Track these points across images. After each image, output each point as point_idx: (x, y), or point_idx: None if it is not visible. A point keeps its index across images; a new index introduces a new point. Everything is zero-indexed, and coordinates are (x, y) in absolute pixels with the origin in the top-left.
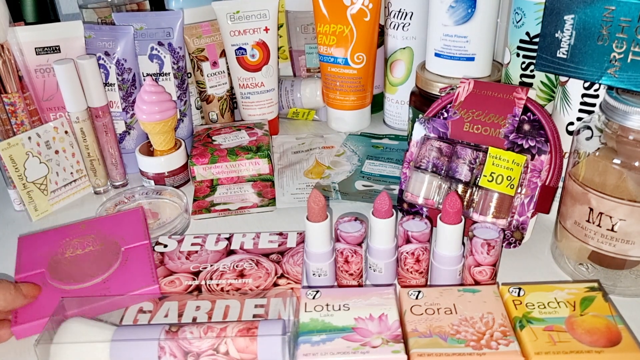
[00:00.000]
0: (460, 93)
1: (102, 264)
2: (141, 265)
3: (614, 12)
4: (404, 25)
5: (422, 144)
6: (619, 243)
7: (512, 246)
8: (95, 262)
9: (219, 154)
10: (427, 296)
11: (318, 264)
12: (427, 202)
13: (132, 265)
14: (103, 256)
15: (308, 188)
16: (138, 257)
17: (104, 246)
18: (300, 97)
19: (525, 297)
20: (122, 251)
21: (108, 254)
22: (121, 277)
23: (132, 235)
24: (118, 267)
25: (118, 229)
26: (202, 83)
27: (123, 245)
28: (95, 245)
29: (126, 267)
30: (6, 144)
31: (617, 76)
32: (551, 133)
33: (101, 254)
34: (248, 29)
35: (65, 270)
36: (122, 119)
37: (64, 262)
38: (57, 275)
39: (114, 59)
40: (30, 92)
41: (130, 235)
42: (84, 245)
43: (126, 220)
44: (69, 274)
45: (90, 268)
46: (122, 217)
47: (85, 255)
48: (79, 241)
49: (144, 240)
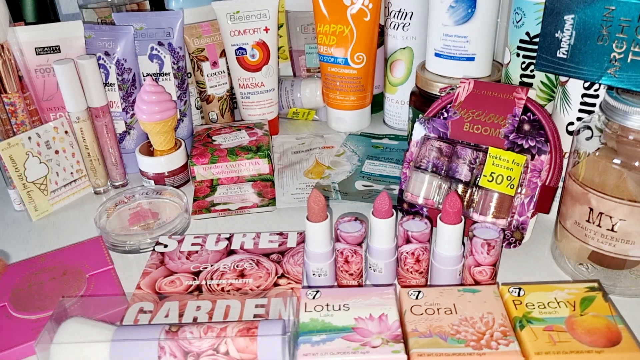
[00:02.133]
0: (460, 93)
1: (69, 291)
2: (108, 289)
3: (614, 12)
4: (404, 25)
5: (422, 144)
6: (619, 243)
7: (512, 246)
8: (61, 290)
9: (219, 154)
10: (427, 296)
11: (318, 264)
12: (427, 202)
13: (100, 289)
14: (68, 285)
15: (308, 188)
16: (103, 281)
17: (68, 275)
18: (300, 97)
19: (525, 297)
20: (86, 278)
21: (73, 282)
22: (89, 300)
23: (95, 262)
24: (84, 293)
25: (79, 258)
26: (202, 83)
27: (87, 272)
28: (58, 275)
29: (94, 292)
30: (6, 144)
31: (617, 76)
32: (551, 133)
33: (66, 282)
34: (248, 29)
35: (30, 300)
36: (122, 119)
37: (27, 293)
38: (22, 306)
39: (114, 59)
40: (30, 92)
41: (93, 262)
42: (47, 276)
43: (86, 249)
44: (35, 304)
45: (57, 296)
46: (81, 247)
47: (49, 285)
48: (40, 273)
49: (107, 265)
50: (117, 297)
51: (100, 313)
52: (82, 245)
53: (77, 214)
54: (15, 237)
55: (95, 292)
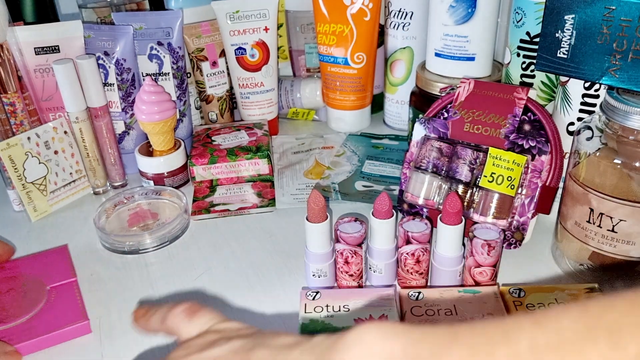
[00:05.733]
0: (461, 93)
1: (26, 303)
2: (69, 302)
3: (614, 11)
4: (404, 25)
5: (422, 144)
6: (619, 244)
7: (512, 247)
8: (18, 302)
9: (218, 154)
10: (428, 297)
11: (318, 265)
12: (428, 202)
13: (60, 303)
14: (27, 296)
15: (308, 188)
16: (65, 294)
17: (27, 286)
18: (300, 97)
19: (525, 298)
20: (47, 290)
21: (32, 293)
22: (48, 315)
23: (58, 273)
24: (44, 305)
25: (42, 268)
26: (202, 83)
27: (48, 284)
28: (17, 286)
29: (53, 305)
30: (5, 144)
31: (617, 76)
32: (552, 133)
33: (24, 294)
34: (248, 29)
35: None
36: (122, 119)
37: None
38: None
39: (113, 58)
40: (30, 92)
41: (56, 273)
42: (5, 287)
43: (50, 259)
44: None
45: (13, 308)
46: (46, 256)
47: (6, 297)
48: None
49: (71, 277)
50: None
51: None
52: (46, 254)
53: (77, 214)
54: (14, 237)
55: (55, 305)
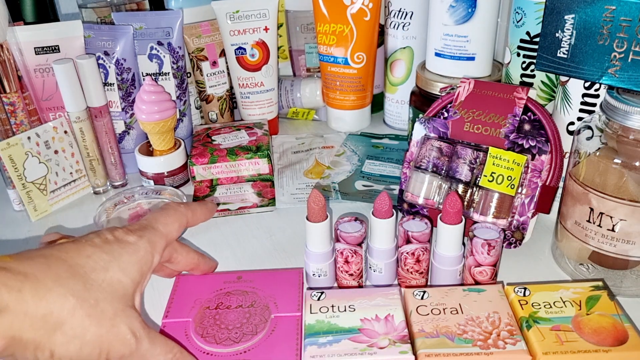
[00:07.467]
0: (461, 93)
1: (248, 329)
2: (287, 341)
3: (614, 11)
4: (404, 24)
5: (423, 144)
6: (619, 243)
7: (512, 246)
8: (242, 325)
9: (218, 154)
10: (433, 296)
11: (318, 265)
12: (428, 202)
13: (278, 338)
14: (251, 319)
15: (308, 188)
16: (286, 329)
17: (254, 307)
18: (300, 97)
19: (531, 297)
20: (271, 319)
21: (256, 318)
22: (263, 349)
23: (286, 301)
24: (263, 337)
25: (273, 290)
26: (202, 83)
27: (274, 312)
28: (246, 303)
29: (271, 339)
30: (5, 143)
31: (617, 76)
32: (552, 133)
33: (249, 317)
34: (248, 29)
35: (209, 326)
36: (122, 118)
37: (211, 316)
38: (201, 329)
39: (113, 58)
40: (30, 91)
41: (284, 302)
42: (236, 301)
43: (283, 281)
44: (212, 332)
45: (234, 331)
46: (280, 276)
47: (233, 313)
48: (231, 295)
49: (296, 311)
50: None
51: None
52: (280, 274)
53: (77, 214)
54: (14, 237)
55: (273, 340)
